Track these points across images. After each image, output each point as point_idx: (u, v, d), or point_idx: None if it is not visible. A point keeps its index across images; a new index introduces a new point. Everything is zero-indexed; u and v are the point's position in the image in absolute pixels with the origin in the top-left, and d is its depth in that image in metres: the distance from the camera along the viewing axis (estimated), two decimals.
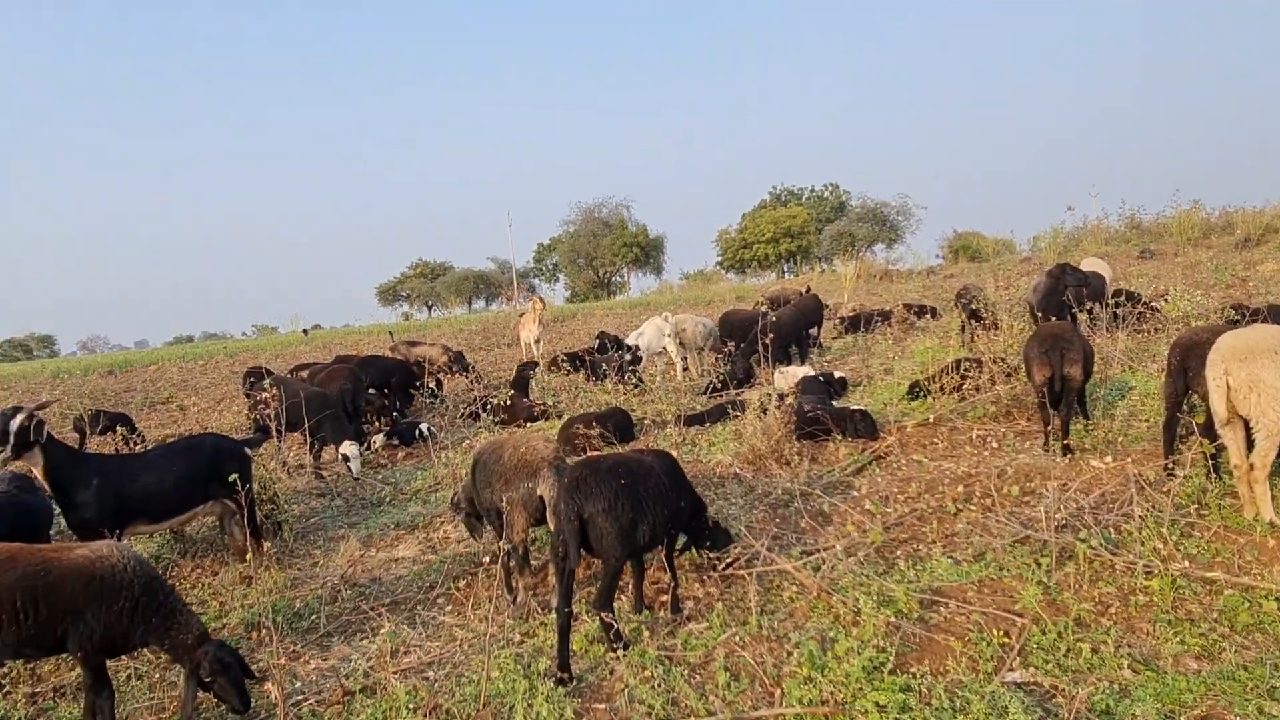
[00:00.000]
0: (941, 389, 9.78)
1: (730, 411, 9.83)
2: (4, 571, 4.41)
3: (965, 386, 9.63)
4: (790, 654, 4.80)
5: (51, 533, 6.84)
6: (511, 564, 6.07)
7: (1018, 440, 8.46)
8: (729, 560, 6.14)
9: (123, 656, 5.22)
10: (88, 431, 12.67)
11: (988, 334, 12.45)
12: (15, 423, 5.80)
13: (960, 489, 7.17)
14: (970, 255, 37.12)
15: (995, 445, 8.40)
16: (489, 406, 12.35)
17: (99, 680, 4.64)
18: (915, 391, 10.34)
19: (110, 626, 4.55)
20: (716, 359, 14.98)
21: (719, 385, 12.79)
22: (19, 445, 5.85)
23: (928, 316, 18.22)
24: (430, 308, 72.87)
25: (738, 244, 62.75)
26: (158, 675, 5.51)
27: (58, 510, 6.63)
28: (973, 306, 13.59)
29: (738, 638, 5.10)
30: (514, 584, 6.12)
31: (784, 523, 7.08)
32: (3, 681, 5.54)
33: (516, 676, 4.86)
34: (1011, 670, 4.46)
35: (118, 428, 11.73)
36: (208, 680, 4.59)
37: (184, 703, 4.74)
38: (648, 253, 64.34)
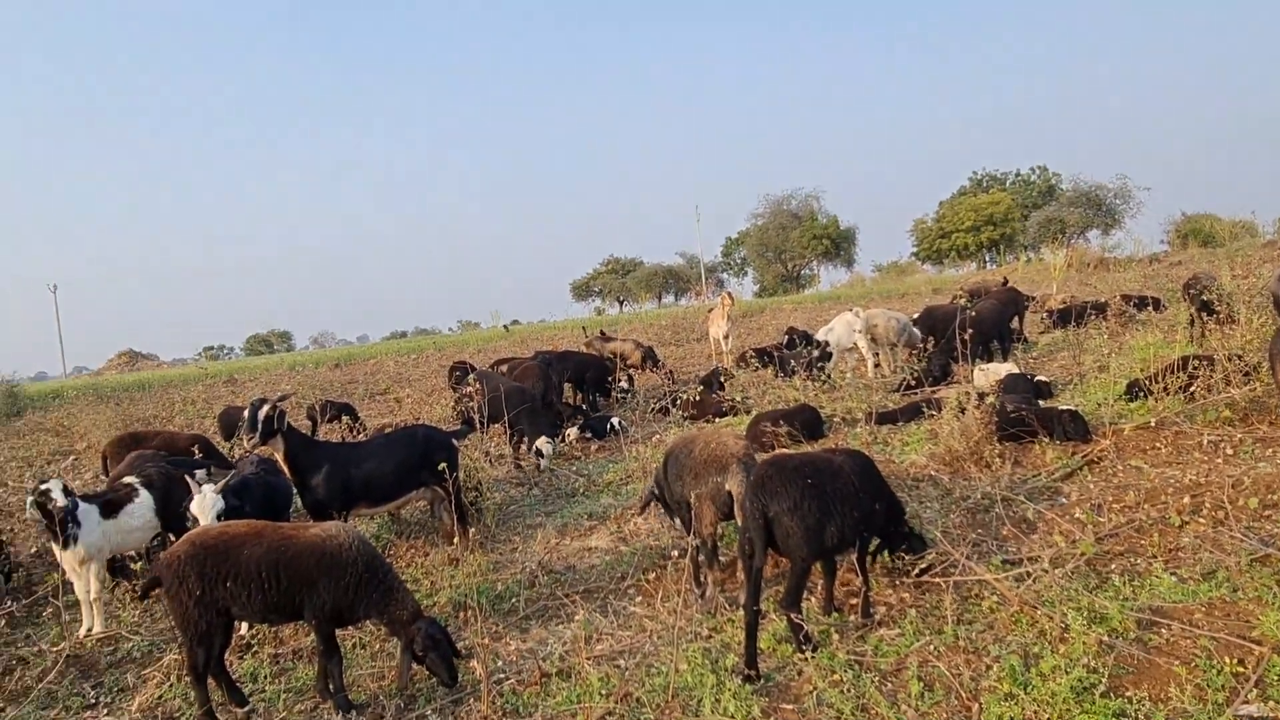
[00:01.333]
0: (1165, 389, 8.91)
1: (925, 410, 9.44)
2: (253, 545, 4.97)
3: (1194, 387, 8.72)
4: (989, 668, 4.56)
5: (290, 512, 7.63)
6: (700, 559, 6.14)
7: (1257, 447, 7.55)
8: (924, 566, 5.91)
9: (349, 628, 5.74)
10: (319, 420, 14.00)
11: (1222, 329, 11.21)
12: (263, 412, 6.55)
13: (1187, 499, 6.50)
14: (1201, 240, 33.67)
15: (1230, 452, 7.54)
16: (678, 401, 12.54)
17: (329, 647, 5.14)
18: (1134, 391, 9.48)
19: (338, 599, 5.02)
20: (910, 355, 14.43)
21: (913, 383, 12.32)
22: (265, 432, 6.61)
23: (1149, 309, 16.69)
24: (621, 303, 74.79)
25: (935, 233, 60.17)
26: (378, 646, 6.02)
27: (295, 492, 7.40)
28: (1204, 297, 12.28)
29: (932, 647, 4.90)
30: (703, 579, 6.19)
31: (983, 529, 6.72)
32: (251, 642, 6.27)
33: (704, 671, 4.92)
34: (1247, 703, 4.00)
35: (343, 417, 12.89)
36: (420, 654, 4.97)
37: (400, 673, 5.14)
38: (838, 244, 62.94)
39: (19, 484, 13.69)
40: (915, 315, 15.58)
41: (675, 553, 6.71)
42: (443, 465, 7.03)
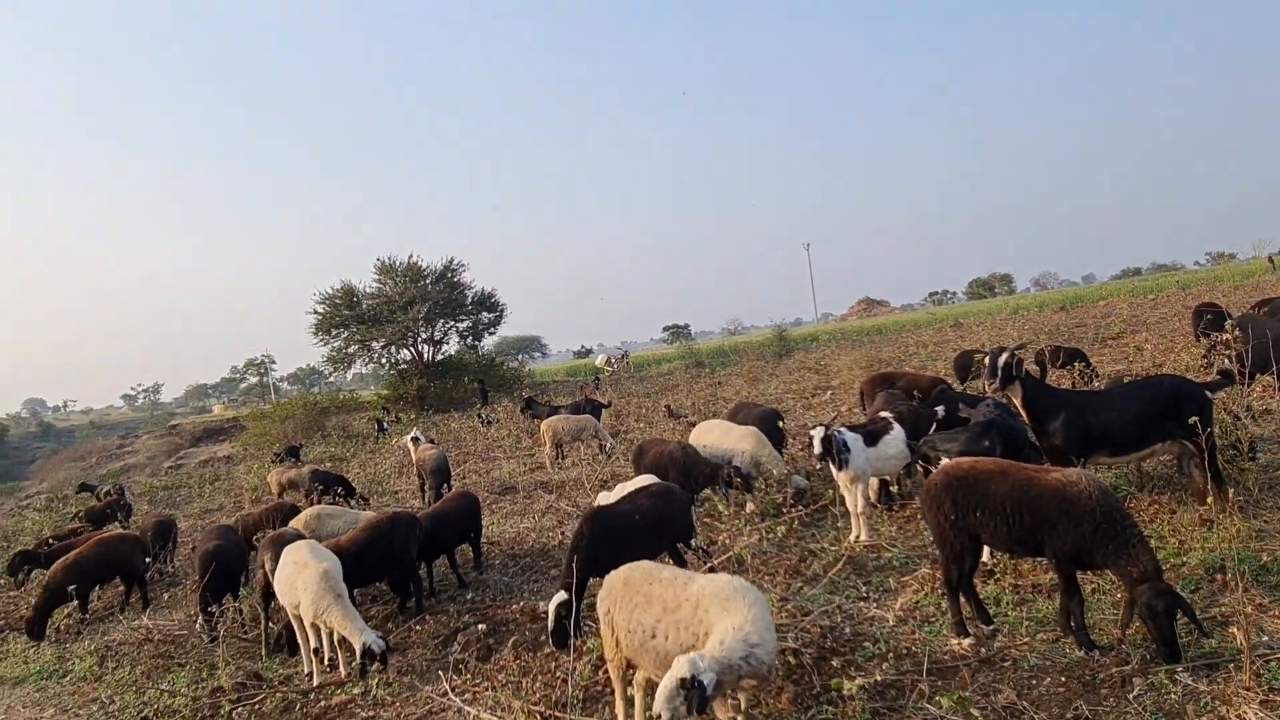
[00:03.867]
0: None
1: None
2: (999, 482, 5.44)
3: None
4: None
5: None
6: None
7: None
8: None
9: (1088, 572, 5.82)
10: (1047, 366, 13.92)
11: None
12: (1002, 359, 6.98)
13: None
14: None
15: None
16: None
17: (1070, 586, 5.34)
18: None
19: (1076, 543, 5.17)
20: None
21: None
22: (1005, 378, 7.03)
23: None
24: None
25: None
26: (1119, 594, 5.98)
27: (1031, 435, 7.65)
28: None
29: None
30: None
31: None
32: (994, 570, 6.80)
33: None
34: None
35: (1075, 363, 12.62)
36: (1143, 617, 4.83)
37: (1121, 623, 5.11)
38: None
39: (803, 415, 16.67)
40: None
41: None
42: (1193, 419, 6.51)
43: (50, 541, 14.83)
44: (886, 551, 7.80)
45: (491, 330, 40.12)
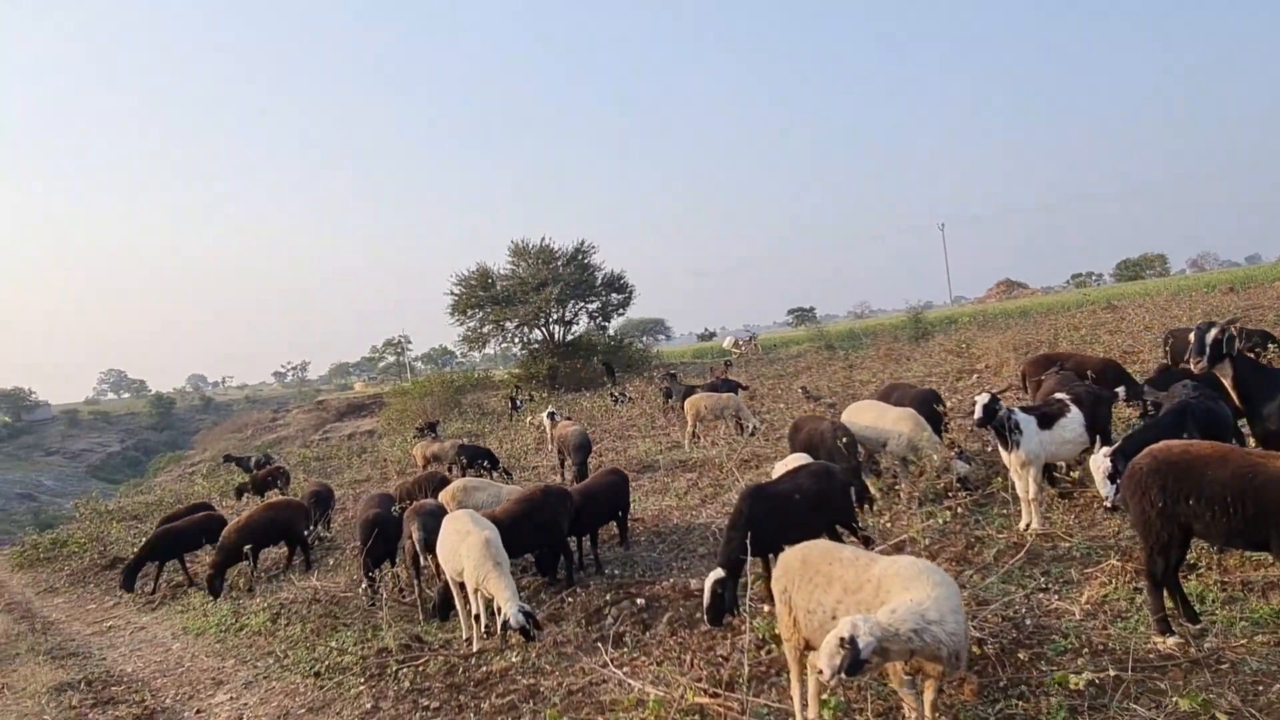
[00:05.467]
0: None
1: None
2: (1217, 468, 4.93)
3: None
4: None
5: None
6: None
7: None
8: None
9: None
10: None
11: None
12: (1210, 336, 6.35)
13: None
14: None
15: None
16: None
17: None
18: None
19: None
20: None
21: None
22: (1214, 356, 6.40)
23: None
24: None
25: None
26: None
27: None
28: None
29: None
30: None
31: None
32: (1197, 564, 6.23)
33: None
34: None
35: (1267, 345, 11.54)
36: None
37: None
38: None
39: (948, 399, 15.92)
40: None
41: None
42: None
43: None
44: (1064, 541, 7.29)
45: (620, 311, 40.46)
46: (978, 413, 7.65)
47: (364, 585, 9.67)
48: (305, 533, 12.56)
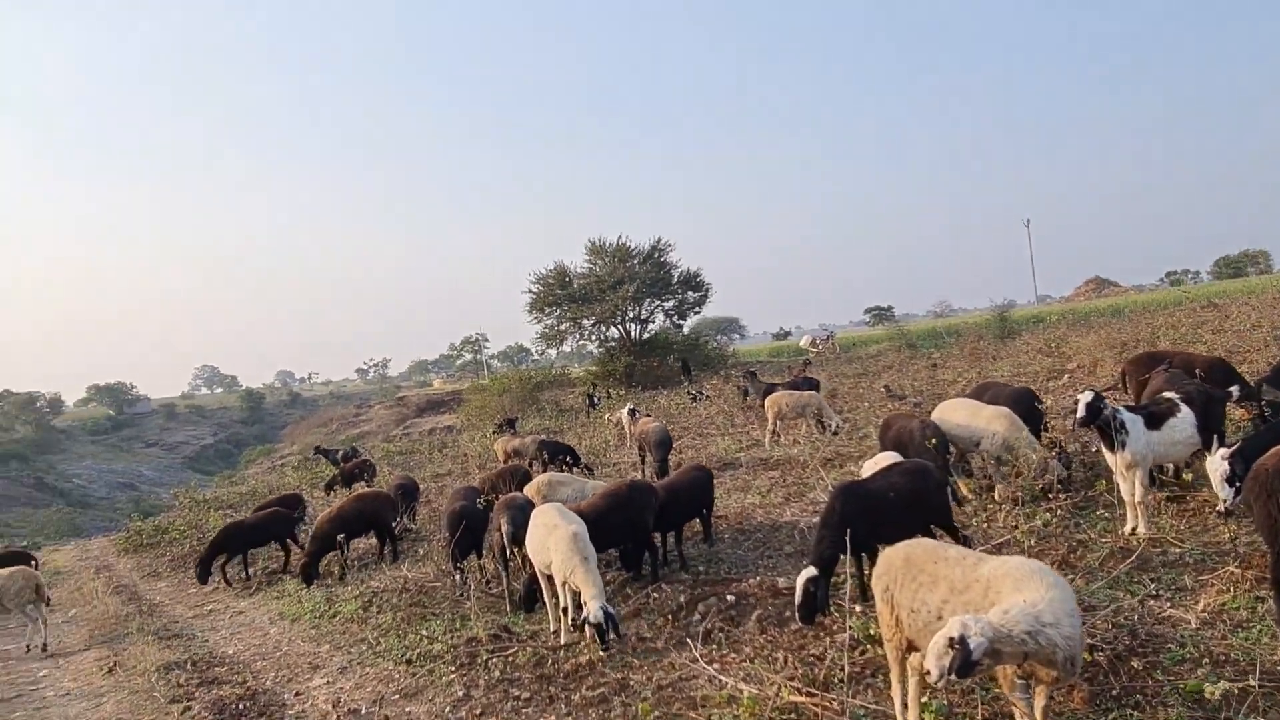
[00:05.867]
0: None
1: None
2: None
3: None
4: None
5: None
6: None
7: None
8: None
9: None
10: None
11: None
12: None
13: None
14: None
15: None
16: None
17: None
18: None
19: None
20: None
21: None
22: None
23: None
24: None
25: None
26: None
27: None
28: None
29: None
30: None
31: None
32: None
33: None
34: None
35: None
36: None
37: None
38: None
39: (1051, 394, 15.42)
40: None
41: None
42: None
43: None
44: (1174, 546, 6.96)
45: (696, 310, 40.36)
46: (1081, 411, 7.36)
47: (457, 576, 9.83)
48: (393, 524, 12.87)
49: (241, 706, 7.67)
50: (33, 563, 15.37)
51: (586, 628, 7.00)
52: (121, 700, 8.64)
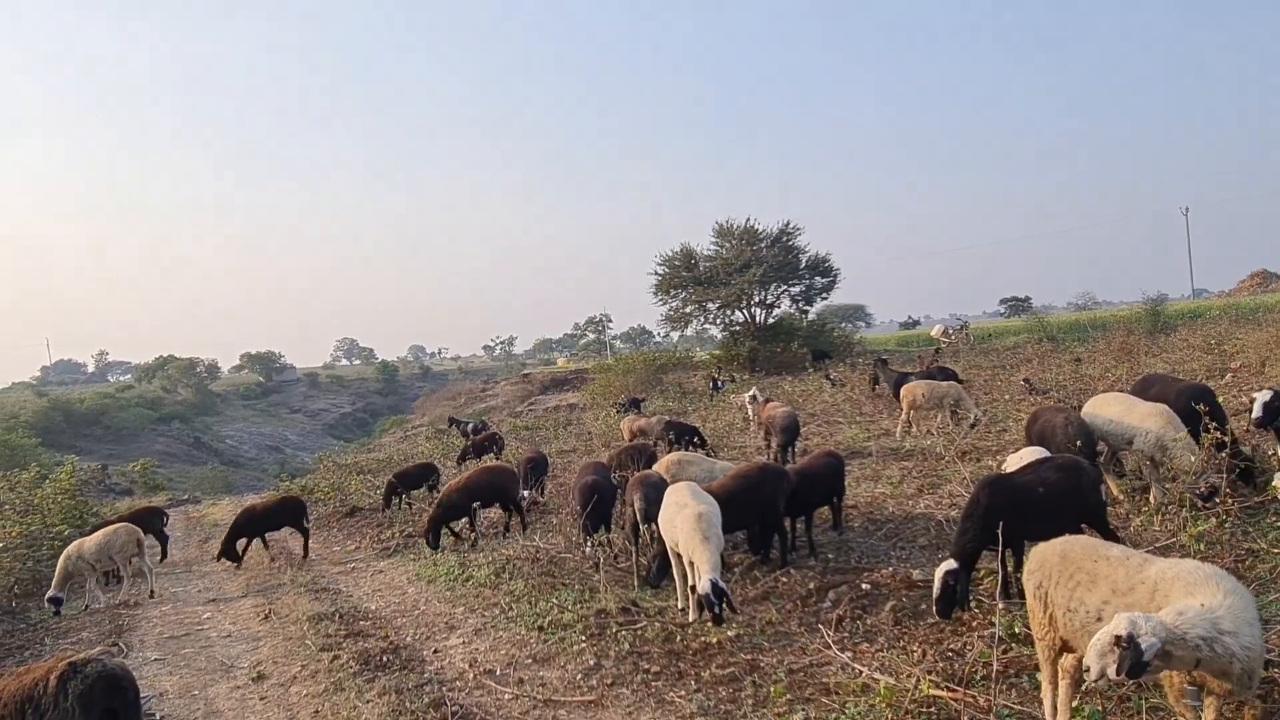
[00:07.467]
0: None
1: None
2: None
3: None
4: None
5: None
6: None
7: None
8: None
9: None
10: None
11: None
12: None
13: None
14: None
15: None
16: None
17: None
18: None
19: None
20: None
21: None
22: None
23: None
24: None
25: None
26: None
27: None
28: None
29: None
30: None
31: None
32: None
33: None
34: None
35: None
36: None
37: None
38: None
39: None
40: None
41: None
42: None
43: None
44: None
45: (824, 296, 39.58)
46: (1256, 411, 6.87)
47: (588, 547, 10.06)
48: (520, 497, 13.24)
49: (385, 659, 8.08)
50: (164, 518, 16.81)
51: (696, 600, 7.01)
52: (276, 645, 9.26)
